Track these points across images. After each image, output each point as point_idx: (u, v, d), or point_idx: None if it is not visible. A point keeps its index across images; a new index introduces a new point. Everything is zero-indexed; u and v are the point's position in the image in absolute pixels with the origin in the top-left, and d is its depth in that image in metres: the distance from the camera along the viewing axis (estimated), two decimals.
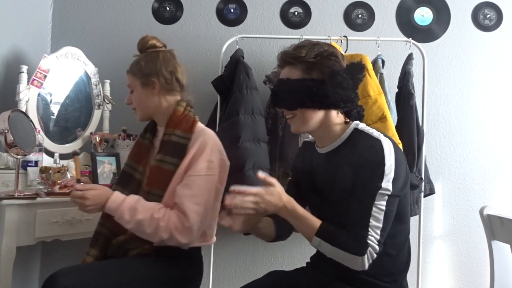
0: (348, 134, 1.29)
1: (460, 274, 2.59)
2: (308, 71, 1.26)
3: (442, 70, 2.65)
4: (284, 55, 1.30)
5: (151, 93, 1.58)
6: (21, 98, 2.09)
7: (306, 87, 1.24)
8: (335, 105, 1.26)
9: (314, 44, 1.30)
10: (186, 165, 1.48)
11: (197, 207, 1.43)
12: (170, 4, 2.71)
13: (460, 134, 2.63)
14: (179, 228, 1.41)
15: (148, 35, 1.65)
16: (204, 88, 2.60)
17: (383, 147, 1.19)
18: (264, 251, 2.62)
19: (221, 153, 1.56)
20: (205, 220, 1.48)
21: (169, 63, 1.60)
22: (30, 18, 2.48)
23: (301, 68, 1.26)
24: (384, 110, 2.14)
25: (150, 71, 1.57)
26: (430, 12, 2.67)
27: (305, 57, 1.25)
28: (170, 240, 1.42)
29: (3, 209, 1.68)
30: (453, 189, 2.61)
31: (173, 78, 1.59)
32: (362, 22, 2.68)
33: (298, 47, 1.29)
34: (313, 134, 1.35)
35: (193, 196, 1.44)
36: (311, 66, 1.26)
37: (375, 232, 1.15)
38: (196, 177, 1.46)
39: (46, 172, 2.07)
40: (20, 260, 2.18)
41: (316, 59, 1.25)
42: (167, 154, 1.51)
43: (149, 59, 1.59)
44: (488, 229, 1.46)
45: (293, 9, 2.69)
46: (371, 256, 1.14)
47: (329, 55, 1.27)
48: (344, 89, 1.26)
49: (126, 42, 2.70)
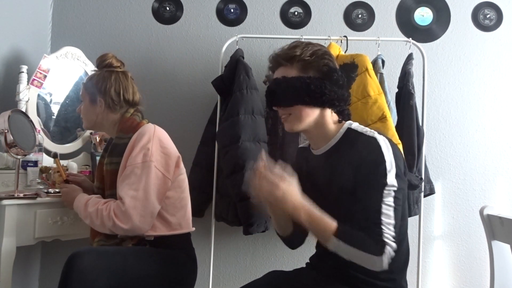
0: (342, 133, 1.30)
1: (460, 274, 2.59)
2: (304, 69, 1.27)
3: (442, 70, 2.65)
4: (278, 56, 1.30)
5: (96, 109, 1.68)
6: (21, 98, 2.09)
7: (304, 84, 1.25)
8: (331, 103, 1.27)
9: (307, 43, 1.31)
10: (125, 159, 1.56)
11: (133, 192, 1.49)
12: (170, 4, 2.71)
13: (460, 134, 2.63)
14: (117, 214, 1.48)
15: (109, 54, 1.74)
16: (204, 88, 2.60)
17: (379, 144, 1.20)
18: (264, 251, 2.62)
19: (163, 143, 1.59)
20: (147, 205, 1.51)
21: (119, 84, 1.68)
22: (30, 18, 2.48)
23: (297, 67, 1.27)
24: (384, 110, 2.14)
25: (98, 90, 1.67)
26: (430, 12, 2.67)
27: (300, 56, 1.26)
28: (114, 227, 1.49)
29: (3, 209, 1.68)
30: (453, 189, 2.61)
31: (120, 98, 1.67)
32: (362, 22, 2.68)
33: (292, 47, 1.30)
34: (307, 133, 1.35)
35: (130, 184, 1.51)
36: (307, 65, 1.27)
37: (388, 229, 1.14)
38: (132, 167, 1.53)
39: (46, 172, 2.07)
40: (20, 260, 2.19)
41: (312, 58, 1.27)
42: (112, 156, 1.62)
43: (100, 78, 1.69)
44: (488, 229, 1.46)
45: (293, 9, 2.69)
46: (390, 254, 1.12)
47: (323, 53, 1.29)
48: (340, 87, 1.28)
49: (126, 42, 2.70)
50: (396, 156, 1.20)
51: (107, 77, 1.68)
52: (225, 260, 2.63)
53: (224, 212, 2.29)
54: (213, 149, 2.36)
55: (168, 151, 1.60)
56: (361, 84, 2.17)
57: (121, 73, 1.71)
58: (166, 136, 1.64)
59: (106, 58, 1.72)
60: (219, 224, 2.42)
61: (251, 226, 2.16)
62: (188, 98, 2.65)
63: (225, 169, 2.20)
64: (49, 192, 1.88)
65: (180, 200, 1.65)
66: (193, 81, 2.66)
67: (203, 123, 2.49)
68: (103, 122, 1.70)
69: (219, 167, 2.32)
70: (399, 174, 1.19)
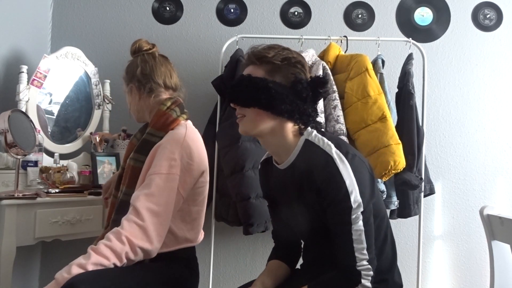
0: (300, 146, 1.23)
1: (460, 274, 2.59)
2: (271, 73, 1.21)
3: (442, 70, 2.65)
4: (252, 53, 1.26)
5: (133, 97, 1.58)
6: (21, 98, 2.09)
7: (265, 87, 1.19)
8: (289, 114, 1.20)
9: (284, 48, 1.26)
10: (148, 163, 1.41)
11: (154, 206, 1.30)
12: (170, 4, 2.71)
13: (460, 134, 2.63)
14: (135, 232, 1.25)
15: (140, 39, 1.64)
16: (204, 88, 2.60)
17: (336, 165, 1.14)
18: (264, 251, 2.62)
19: (190, 156, 1.42)
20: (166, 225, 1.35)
21: (146, 65, 1.57)
22: (30, 18, 2.48)
23: (265, 69, 1.22)
24: (384, 110, 2.14)
25: (129, 77, 1.59)
26: (430, 12, 2.67)
27: (271, 58, 1.21)
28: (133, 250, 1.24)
29: (3, 209, 1.68)
30: (453, 189, 2.61)
31: (149, 80, 1.55)
32: (362, 22, 2.68)
33: (268, 47, 1.25)
34: (264, 142, 1.28)
35: (149, 195, 1.31)
36: (275, 69, 1.21)
37: (361, 254, 1.13)
38: (155, 175, 1.34)
39: (46, 172, 2.07)
40: (20, 260, 2.19)
41: (282, 63, 1.21)
42: (139, 152, 1.48)
43: (129, 64, 1.62)
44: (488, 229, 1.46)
45: (293, 9, 2.69)
46: (368, 276, 1.13)
47: (296, 62, 1.23)
48: (302, 100, 1.21)
49: (126, 42, 2.67)
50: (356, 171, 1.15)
51: (134, 62, 1.59)
52: (225, 260, 2.63)
53: (224, 212, 2.29)
54: (213, 149, 2.36)
55: (192, 166, 1.43)
56: (361, 84, 2.17)
57: (147, 54, 1.59)
58: (196, 145, 1.47)
59: (134, 43, 1.62)
60: (219, 224, 2.42)
61: (251, 226, 2.16)
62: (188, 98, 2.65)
63: (225, 169, 2.20)
64: (49, 192, 1.88)
65: (191, 213, 1.49)
66: (193, 81, 2.65)
67: (203, 123, 2.49)
68: (143, 110, 1.57)
69: (219, 167, 2.32)
70: (364, 190, 1.14)
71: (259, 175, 1.47)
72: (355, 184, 1.13)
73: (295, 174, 1.23)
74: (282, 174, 1.28)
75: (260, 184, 1.48)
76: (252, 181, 2.10)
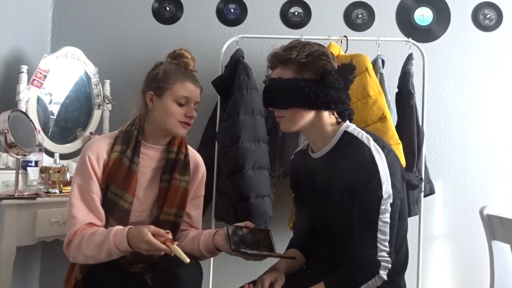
0: (338, 137, 1.28)
1: (460, 274, 2.59)
2: (299, 71, 1.24)
3: (442, 70, 2.64)
4: (274, 57, 1.28)
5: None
6: (21, 98, 2.09)
7: (298, 86, 1.22)
8: (326, 106, 1.25)
9: (305, 44, 1.28)
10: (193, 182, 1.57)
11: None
12: (170, 4, 2.71)
13: (460, 134, 2.63)
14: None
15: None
16: (204, 88, 2.57)
17: (373, 154, 1.18)
18: None
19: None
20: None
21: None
22: (30, 18, 2.48)
23: (293, 69, 1.25)
24: (384, 110, 2.14)
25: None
26: (430, 12, 2.67)
27: (296, 58, 1.24)
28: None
29: (3, 209, 1.68)
30: (453, 189, 2.61)
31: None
32: (362, 22, 2.68)
33: (289, 48, 1.27)
34: (305, 134, 1.34)
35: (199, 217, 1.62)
36: (303, 66, 1.24)
37: (383, 245, 1.16)
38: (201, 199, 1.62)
39: (46, 172, 2.07)
40: (20, 260, 2.18)
41: (307, 59, 1.24)
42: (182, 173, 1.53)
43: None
44: (488, 229, 1.46)
45: (293, 9, 2.69)
46: (385, 269, 1.16)
47: (320, 54, 1.25)
48: (336, 90, 1.25)
49: (126, 42, 2.70)
50: (391, 165, 1.19)
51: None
52: (225, 260, 2.62)
53: (224, 212, 2.28)
54: (213, 149, 2.36)
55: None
56: (361, 84, 2.17)
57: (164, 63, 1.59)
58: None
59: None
60: (219, 224, 2.42)
61: None
62: None
63: (225, 169, 2.20)
64: (49, 192, 1.88)
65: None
66: None
67: (203, 123, 2.49)
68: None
69: (219, 167, 2.32)
70: (395, 183, 1.18)
71: (290, 164, 1.51)
72: (388, 175, 1.17)
73: (328, 163, 1.27)
74: (315, 163, 1.32)
75: (289, 174, 1.53)
76: (252, 181, 2.10)
